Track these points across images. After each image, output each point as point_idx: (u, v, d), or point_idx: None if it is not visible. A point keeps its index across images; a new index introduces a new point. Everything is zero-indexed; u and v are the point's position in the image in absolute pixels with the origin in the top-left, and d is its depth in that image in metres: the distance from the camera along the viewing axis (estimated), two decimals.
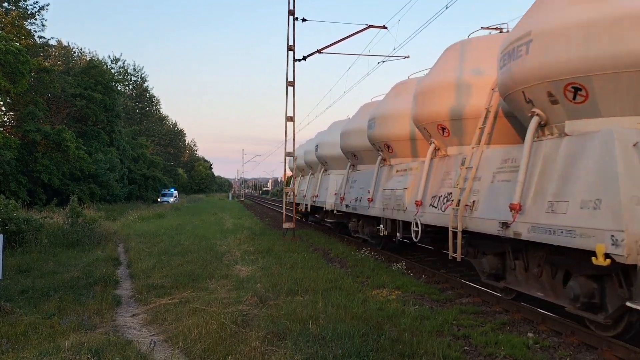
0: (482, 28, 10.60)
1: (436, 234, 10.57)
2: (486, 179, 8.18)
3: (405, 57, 21.49)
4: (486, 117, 8.91)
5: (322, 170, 21.29)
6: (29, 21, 36.62)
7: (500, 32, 10.59)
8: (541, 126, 7.36)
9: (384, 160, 13.86)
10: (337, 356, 5.55)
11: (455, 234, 8.66)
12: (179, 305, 7.92)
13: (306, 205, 23.18)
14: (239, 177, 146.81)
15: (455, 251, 8.77)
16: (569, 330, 6.69)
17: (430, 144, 10.74)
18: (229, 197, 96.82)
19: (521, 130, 8.44)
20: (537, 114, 7.25)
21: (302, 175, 27.00)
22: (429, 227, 10.28)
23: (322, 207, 19.90)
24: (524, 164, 7.16)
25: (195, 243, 16.03)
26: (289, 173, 24.91)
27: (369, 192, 13.79)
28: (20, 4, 35.99)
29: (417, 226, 10.45)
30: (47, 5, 37.56)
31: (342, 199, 16.55)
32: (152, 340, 6.36)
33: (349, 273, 11.23)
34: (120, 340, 6.20)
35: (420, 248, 15.00)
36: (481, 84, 9.33)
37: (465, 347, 6.32)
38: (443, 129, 10.19)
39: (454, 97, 9.76)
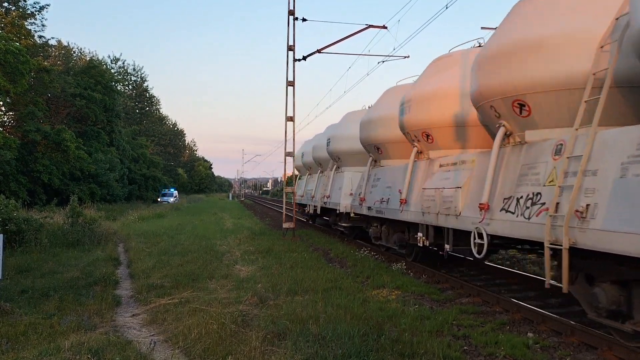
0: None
1: (506, 248, 8.65)
2: (608, 173, 5.65)
3: (405, 57, 21.50)
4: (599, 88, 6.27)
5: (334, 168, 19.30)
6: (29, 21, 36.63)
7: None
8: None
9: (420, 153, 11.56)
10: (337, 356, 5.55)
11: (555, 252, 6.20)
12: (179, 305, 7.92)
13: (315, 206, 21.14)
14: (239, 177, 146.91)
15: (556, 278, 6.27)
16: (569, 330, 6.68)
17: (499, 127, 8.04)
18: (228, 197, 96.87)
19: None
20: None
21: (310, 174, 25.13)
22: (498, 238, 7.89)
23: (335, 209, 17.85)
24: None
25: (195, 243, 16.03)
26: (290, 172, 24.10)
27: (399, 192, 11.58)
28: (20, 3, 36.00)
29: (480, 237, 7.96)
30: (47, 5, 37.59)
31: (363, 199, 14.46)
32: (152, 340, 6.35)
33: (349, 273, 11.23)
34: (120, 340, 6.20)
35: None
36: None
37: (465, 347, 6.32)
38: (521, 105, 7.51)
39: (537, 59, 7.10)
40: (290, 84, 19.08)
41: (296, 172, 30.20)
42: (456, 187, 9.08)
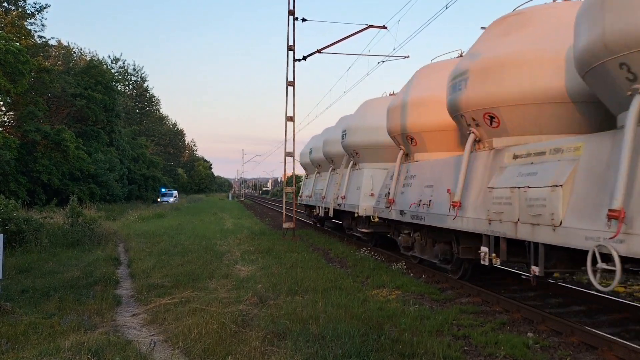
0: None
1: None
2: None
3: (405, 57, 21.52)
4: None
5: (350, 165, 17.03)
6: (29, 21, 36.65)
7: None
8: None
9: (479, 142, 8.93)
10: (337, 356, 5.55)
11: None
12: (179, 305, 7.92)
13: (326, 208, 18.62)
14: (238, 177, 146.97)
15: None
16: (569, 330, 6.69)
17: (634, 95, 5.43)
18: (228, 197, 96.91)
19: None
20: None
21: (319, 172, 23.03)
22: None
23: (352, 212, 15.59)
24: None
25: (195, 243, 16.03)
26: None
27: (448, 192, 9.07)
28: (20, 3, 36.01)
29: (608, 260, 5.39)
30: (48, 5, 37.61)
31: (391, 201, 12.17)
32: (152, 340, 6.36)
33: (349, 273, 11.23)
34: (120, 340, 6.20)
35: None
36: None
37: (465, 347, 6.32)
38: None
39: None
40: (290, 84, 19.09)
41: (302, 171, 29.07)
42: (552, 185, 6.57)
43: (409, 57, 21.76)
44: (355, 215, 15.13)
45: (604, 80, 5.92)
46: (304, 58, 20.31)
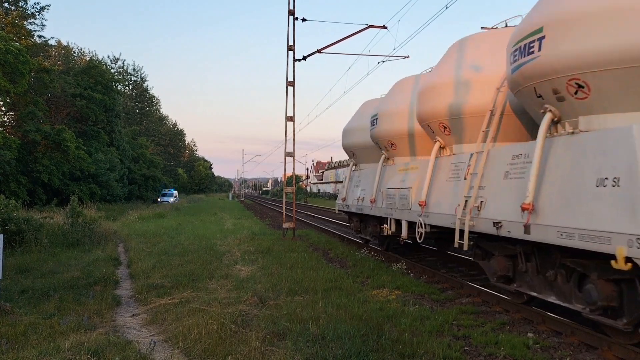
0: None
1: None
2: None
3: (405, 57, 21.50)
4: None
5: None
6: (28, 21, 36.65)
7: None
8: None
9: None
10: (337, 356, 5.55)
11: None
12: (179, 306, 7.92)
13: (409, 223, 11.41)
14: (239, 177, 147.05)
15: None
16: (569, 330, 6.68)
17: None
18: (229, 197, 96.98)
19: None
20: None
21: (388, 158, 13.55)
22: None
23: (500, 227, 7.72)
24: None
25: (195, 243, 16.03)
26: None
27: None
28: (21, 4, 36.02)
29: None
30: (48, 6, 37.61)
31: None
32: (152, 340, 6.35)
33: (349, 273, 11.23)
34: (120, 341, 6.20)
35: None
36: None
37: (465, 347, 6.32)
38: None
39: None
40: (290, 84, 19.08)
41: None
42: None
43: (409, 57, 21.77)
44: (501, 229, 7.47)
45: None
46: (304, 58, 20.30)
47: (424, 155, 11.96)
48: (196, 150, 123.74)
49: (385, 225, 12.69)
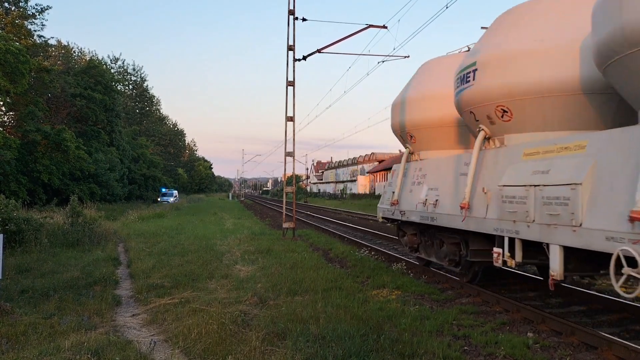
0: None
1: None
2: None
3: (405, 57, 21.51)
4: None
5: None
6: (29, 21, 36.65)
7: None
8: None
9: None
10: (337, 356, 5.55)
11: None
12: (179, 305, 7.92)
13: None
14: (239, 177, 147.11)
15: None
16: (569, 330, 6.68)
17: None
18: (229, 197, 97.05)
19: None
20: None
21: (494, 141, 8.46)
22: None
23: None
24: None
25: (195, 243, 16.03)
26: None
27: None
28: (21, 4, 36.03)
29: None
30: (49, 7, 37.66)
31: None
32: (152, 340, 6.36)
33: (349, 273, 11.22)
34: (120, 340, 6.20)
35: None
36: None
37: (465, 347, 6.32)
38: None
39: None
40: (290, 84, 19.08)
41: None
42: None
43: (409, 57, 21.76)
44: None
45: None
46: (304, 58, 20.30)
47: (579, 129, 7.35)
48: (196, 150, 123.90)
49: (497, 249, 7.74)
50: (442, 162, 10.11)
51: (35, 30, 37.59)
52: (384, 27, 19.99)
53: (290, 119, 19.34)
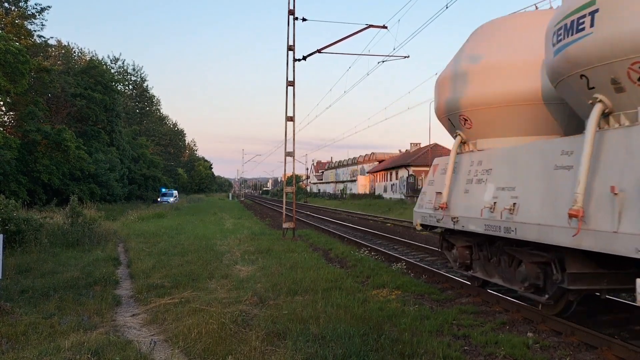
0: None
1: None
2: None
3: (405, 57, 21.50)
4: None
5: None
6: (28, 21, 36.66)
7: None
8: None
9: None
10: (337, 356, 5.55)
11: None
12: (179, 305, 7.92)
13: None
14: (239, 177, 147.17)
15: None
16: (569, 330, 6.68)
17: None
18: (229, 197, 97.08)
19: None
20: None
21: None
22: None
23: None
24: None
25: (195, 243, 16.03)
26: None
27: None
28: (21, 4, 36.03)
29: None
30: (49, 7, 37.68)
31: None
32: (152, 340, 6.36)
33: (349, 273, 11.22)
34: (120, 340, 6.20)
35: None
36: None
37: (465, 347, 6.32)
38: None
39: None
40: (290, 84, 19.08)
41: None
42: None
43: (409, 57, 21.75)
44: None
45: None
46: (304, 58, 20.29)
47: None
48: (196, 150, 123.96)
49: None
50: (520, 152, 7.39)
51: (35, 30, 37.65)
52: (384, 27, 19.99)
53: (290, 119, 19.34)
